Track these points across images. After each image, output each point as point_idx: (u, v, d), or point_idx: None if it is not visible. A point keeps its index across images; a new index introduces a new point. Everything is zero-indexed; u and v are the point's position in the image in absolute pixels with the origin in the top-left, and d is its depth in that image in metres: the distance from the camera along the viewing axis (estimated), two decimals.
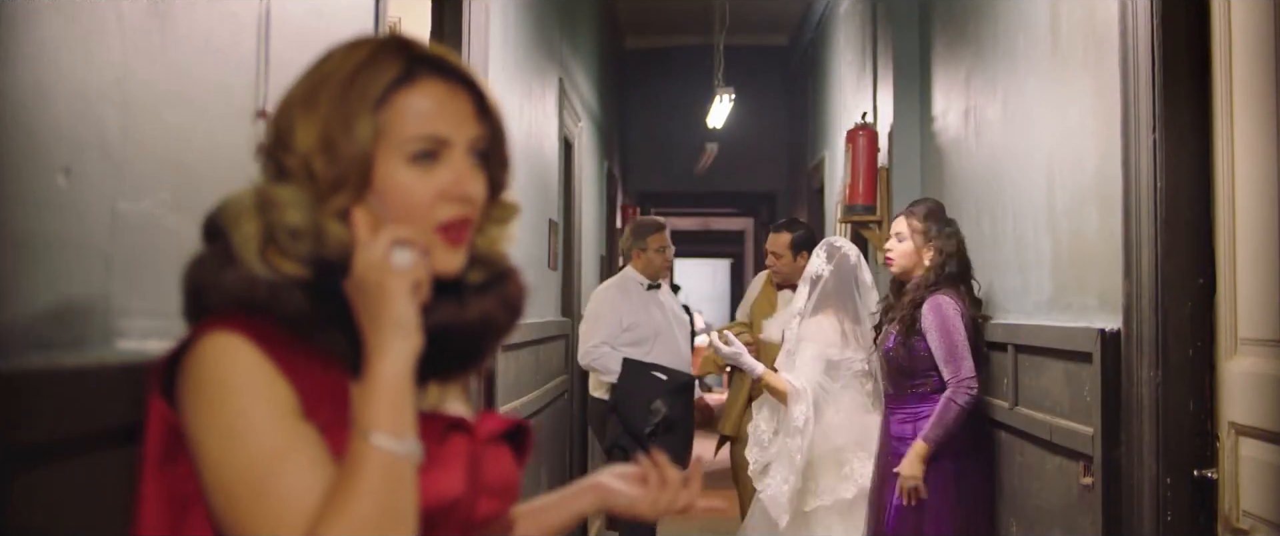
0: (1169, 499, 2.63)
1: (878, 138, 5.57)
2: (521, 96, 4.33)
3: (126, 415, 1.22)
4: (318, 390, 1.13)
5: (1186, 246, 2.64)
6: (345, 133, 1.16)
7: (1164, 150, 2.66)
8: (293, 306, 1.14)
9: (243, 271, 1.14)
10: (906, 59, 5.41)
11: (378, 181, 1.17)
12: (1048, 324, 3.38)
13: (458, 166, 1.21)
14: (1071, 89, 3.26)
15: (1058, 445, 3.22)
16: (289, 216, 1.15)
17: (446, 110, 1.21)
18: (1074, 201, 3.23)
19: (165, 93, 1.38)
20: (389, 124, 1.18)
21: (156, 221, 1.36)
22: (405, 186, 1.18)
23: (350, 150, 1.16)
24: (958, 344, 3.75)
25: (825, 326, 4.41)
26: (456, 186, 1.20)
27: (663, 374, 5.28)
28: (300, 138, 1.18)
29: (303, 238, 1.15)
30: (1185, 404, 2.63)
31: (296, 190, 1.17)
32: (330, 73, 1.20)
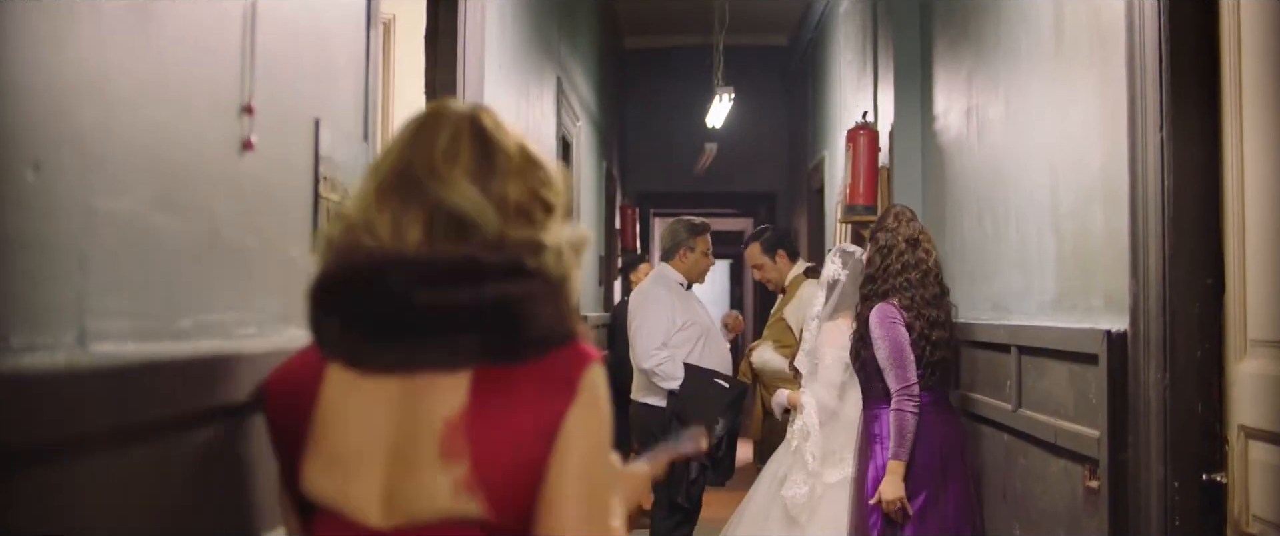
0: (1177, 503, 2.58)
1: (878, 137, 5.53)
2: (518, 95, 4.28)
3: (102, 421, 1.17)
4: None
5: (1194, 246, 2.60)
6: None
7: (1171, 148, 2.61)
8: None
9: (575, 309, 1.41)
10: (907, 58, 5.36)
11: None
12: (1052, 325, 3.34)
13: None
14: (1076, 87, 3.21)
15: (1062, 448, 3.17)
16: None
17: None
18: (1079, 200, 3.18)
19: (146, 86, 1.33)
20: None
21: (138, 220, 1.31)
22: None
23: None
24: (900, 352, 3.90)
25: (843, 329, 4.44)
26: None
27: (724, 381, 5.19)
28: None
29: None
30: (1193, 406, 2.58)
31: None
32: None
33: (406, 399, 1.33)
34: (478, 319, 1.32)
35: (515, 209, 1.39)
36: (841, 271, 4.59)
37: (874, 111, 5.77)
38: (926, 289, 4.03)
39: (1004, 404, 3.73)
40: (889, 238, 4.12)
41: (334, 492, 1.34)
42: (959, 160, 4.58)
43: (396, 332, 1.33)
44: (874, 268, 4.12)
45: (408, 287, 1.32)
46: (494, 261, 1.34)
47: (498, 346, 1.33)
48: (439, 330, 1.32)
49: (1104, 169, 2.98)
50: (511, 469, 1.31)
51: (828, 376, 4.48)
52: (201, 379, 1.43)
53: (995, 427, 3.87)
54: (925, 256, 4.08)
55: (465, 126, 1.44)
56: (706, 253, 5.52)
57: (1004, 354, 3.75)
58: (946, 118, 4.81)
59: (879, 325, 3.97)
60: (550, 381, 1.34)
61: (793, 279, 5.69)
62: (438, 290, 1.32)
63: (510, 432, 1.32)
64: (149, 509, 1.30)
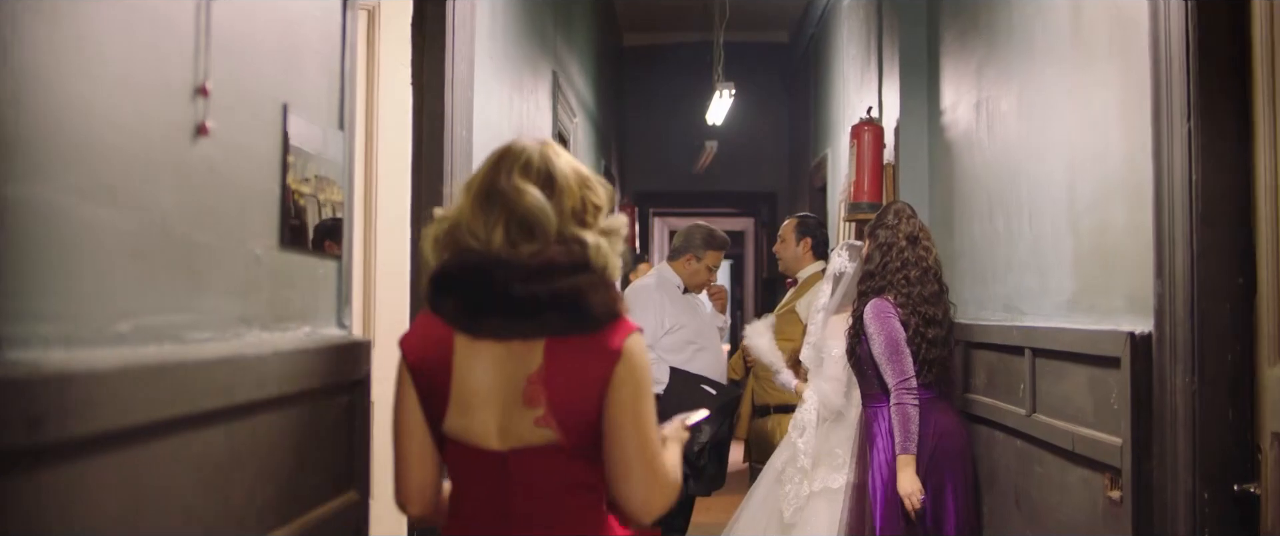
0: (1206, 515, 2.43)
1: (883, 133, 5.38)
2: (511, 88, 4.13)
3: (13, 439, 1.02)
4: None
5: (1224, 243, 2.44)
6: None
7: (1199, 139, 2.45)
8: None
9: (618, 293, 1.89)
10: (913, 51, 5.21)
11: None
12: (1069, 327, 3.19)
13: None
14: (1095, 77, 3.06)
15: (1081, 456, 3.02)
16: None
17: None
18: (1098, 195, 3.03)
19: (73, 61, 1.18)
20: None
21: (61, 211, 1.16)
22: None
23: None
24: (896, 346, 3.86)
25: (849, 323, 4.33)
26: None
27: (711, 387, 5.04)
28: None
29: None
30: (1223, 413, 2.43)
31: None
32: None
33: (506, 358, 1.85)
34: (553, 303, 1.84)
35: (570, 212, 1.88)
36: (847, 265, 4.51)
37: (878, 107, 5.62)
38: (925, 286, 3.96)
39: (1017, 408, 3.58)
40: (889, 235, 4.03)
41: (463, 428, 1.86)
42: (968, 155, 4.43)
43: (496, 311, 1.84)
44: (873, 264, 4.03)
45: (506, 282, 1.83)
46: (563, 262, 1.85)
47: (566, 323, 1.84)
48: (526, 311, 1.83)
49: (1126, 162, 2.83)
50: (577, 408, 1.84)
51: (834, 371, 4.38)
52: (143, 388, 1.27)
53: (1008, 433, 3.72)
54: (925, 254, 4.00)
55: (534, 154, 1.91)
56: (712, 268, 5.37)
57: (1017, 356, 3.60)
58: (955, 112, 4.66)
59: (874, 319, 3.91)
60: (602, 348, 1.85)
61: (810, 274, 5.54)
62: (526, 284, 1.83)
63: (575, 384, 1.84)
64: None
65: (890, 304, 3.94)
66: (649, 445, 1.87)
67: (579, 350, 1.84)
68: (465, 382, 1.84)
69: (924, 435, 3.86)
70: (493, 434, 1.84)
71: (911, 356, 3.87)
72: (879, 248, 4.04)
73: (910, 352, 3.87)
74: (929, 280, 3.98)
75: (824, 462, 4.32)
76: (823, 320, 4.51)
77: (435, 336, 1.86)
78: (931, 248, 4.03)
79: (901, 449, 3.83)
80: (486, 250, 1.83)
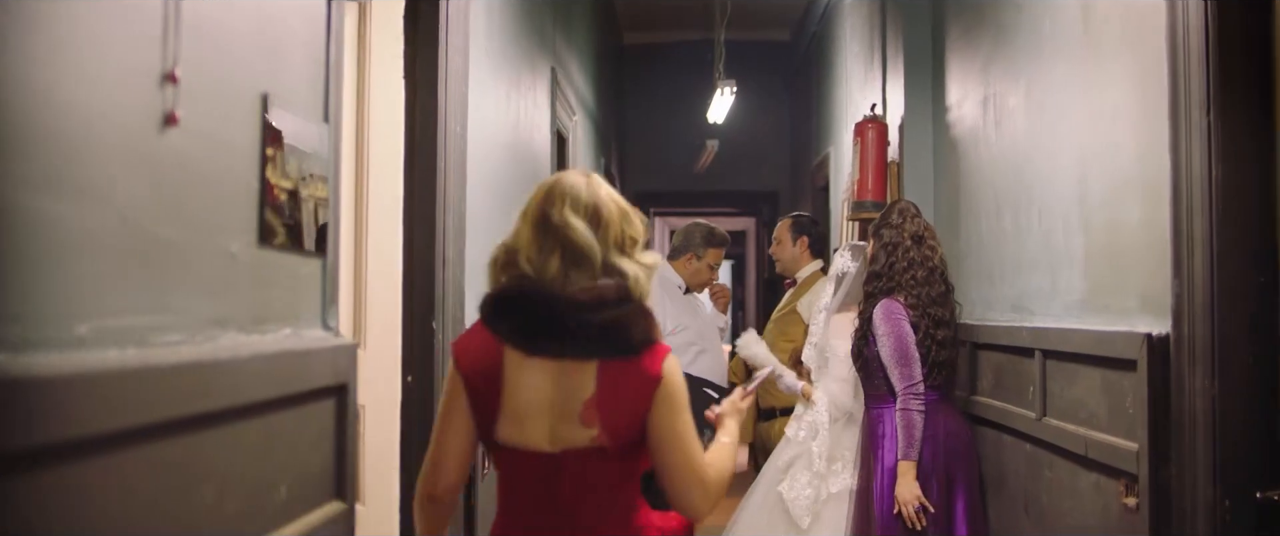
0: (1228, 523, 2.34)
1: (888, 130, 5.28)
2: (509, 84, 4.04)
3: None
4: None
5: (1245, 240, 2.36)
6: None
7: (1219, 133, 2.37)
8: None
9: (656, 322, 2.16)
10: (918, 48, 5.12)
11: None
12: (1081, 328, 3.10)
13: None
14: (1107, 70, 2.97)
15: (1094, 461, 2.93)
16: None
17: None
18: (1111, 192, 2.94)
19: (27, 43, 1.09)
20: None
21: (11, 205, 1.07)
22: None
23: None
24: (905, 349, 3.79)
25: (853, 322, 4.27)
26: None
27: (714, 391, 4.94)
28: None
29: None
30: (1245, 417, 2.34)
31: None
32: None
33: (560, 375, 2.10)
34: (602, 331, 2.09)
35: (614, 242, 2.14)
36: (851, 265, 4.45)
37: (882, 104, 5.53)
38: (932, 287, 3.89)
39: (1027, 411, 3.49)
40: (894, 234, 3.95)
41: (516, 436, 2.12)
42: (975, 153, 4.34)
43: (551, 335, 2.09)
44: (878, 265, 3.95)
45: (561, 312, 2.09)
46: (611, 297, 2.10)
47: (613, 348, 2.11)
48: (579, 336, 2.09)
49: (1141, 157, 2.74)
50: (624, 421, 2.11)
51: (841, 371, 4.31)
52: (100, 395, 1.18)
53: (1016, 436, 3.62)
54: (931, 253, 3.93)
55: (582, 189, 2.16)
56: (713, 266, 5.28)
57: (1027, 358, 3.51)
58: (960, 109, 4.57)
59: (884, 321, 3.83)
60: (645, 370, 2.12)
61: (809, 274, 5.45)
62: (579, 314, 2.08)
63: (623, 401, 2.10)
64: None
65: (901, 305, 3.87)
66: (692, 455, 2.16)
67: (624, 373, 2.11)
68: (517, 395, 2.11)
69: (933, 435, 3.80)
70: (545, 439, 2.12)
71: (921, 359, 3.81)
72: (884, 248, 3.97)
73: (920, 355, 3.80)
74: (936, 280, 3.92)
75: (835, 466, 4.24)
76: (825, 320, 4.44)
77: (487, 349, 2.12)
78: (937, 247, 3.96)
79: (903, 455, 3.77)
80: (541, 278, 2.10)
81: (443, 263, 2.93)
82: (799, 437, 4.38)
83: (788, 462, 4.39)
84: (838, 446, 4.27)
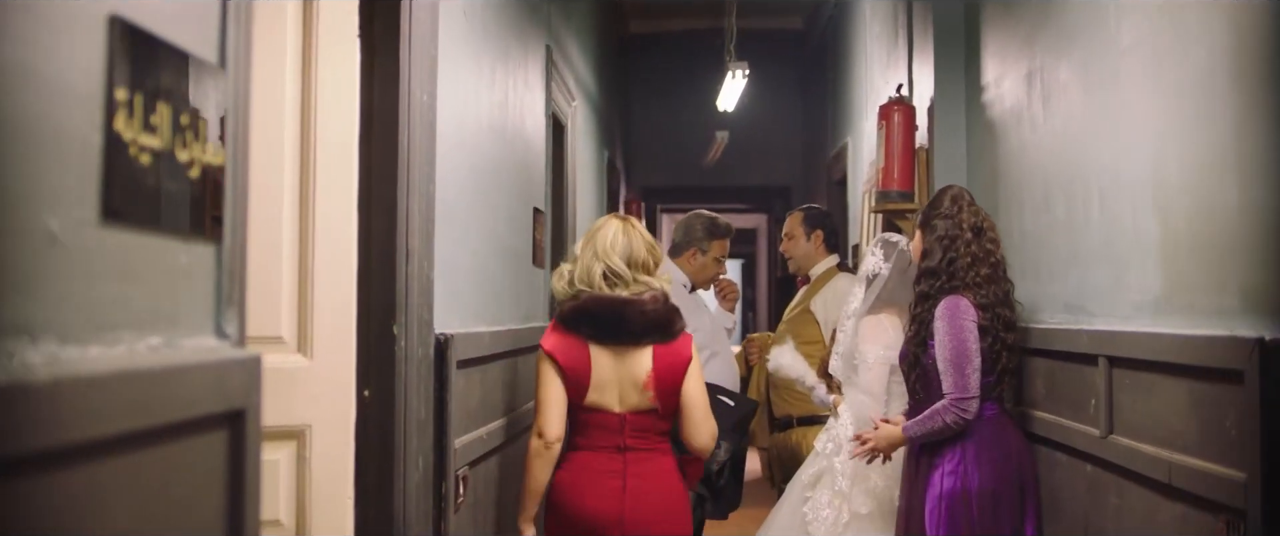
0: None
1: (915, 113, 4.82)
2: (495, 56, 3.58)
3: None
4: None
5: None
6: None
7: None
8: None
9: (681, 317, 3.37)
10: (949, 23, 4.65)
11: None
12: (1160, 331, 2.63)
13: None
14: (1190, 29, 2.50)
15: (1180, 490, 2.46)
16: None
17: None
18: (1197, 172, 2.47)
19: None
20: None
21: None
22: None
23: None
24: (964, 353, 3.33)
25: (886, 326, 3.87)
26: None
27: (728, 398, 4.49)
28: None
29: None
30: None
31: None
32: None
33: (623, 357, 3.19)
34: (653, 325, 3.20)
35: (641, 266, 3.25)
36: (883, 264, 3.98)
37: (909, 86, 5.07)
38: (998, 285, 3.41)
39: (1087, 428, 3.03)
40: (949, 226, 3.46)
41: (600, 400, 3.18)
42: (1017, 134, 3.87)
43: (617, 333, 3.19)
44: (935, 261, 3.46)
45: (628, 314, 3.18)
46: (658, 301, 3.24)
47: (660, 336, 3.21)
48: (638, 331, 3.19)
49: (1236, 127, 2.28)
50: (669, 387, 3.20)
51: (869, 381, 3.86)
52: None
53: (1074, 455, 3.16)
54: (993, 247, 3.47)
55: (618, 228, 3.28)
56: (719, 259, 4.81)
57: (1086, 366, 3.05)
58: (999, 87, 4.10)
59: (949, 319, 3.34)
60: (681, 350, 3.24)
61: (823, 270, 4.98)
62: (640, 315, 3.19)
63: (669, 373, 3.20)
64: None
65: (971, 304, 3.38)
66: (706, 408, 3.25)
67: (669, 354, 3.22)
68: (600, 374, 3.16)
69: (1005, 453, 3.35)
70: (615, 403, 3.20)
71: (989, 366, 3.36)
72: (939, 241, 3.47)
73: (985, 363, 3.35)
74: (1000, 278, 3.45)
75: (860, 485, 3.78)
76: (854, 326, 3.97)
77: (575, 346, 3.18)
78: (998, 240, 3.50)
79: (908, 429, 3.42)
80: (599, 293, 3.20)
81: (406, 255, 2.48)
82: (825, 451, 3.93)
83: (813, 478, 3.94)
84: (863, 465, 3.83)
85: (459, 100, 3.06)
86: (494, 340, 3.31)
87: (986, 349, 3.38)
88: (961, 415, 3.33)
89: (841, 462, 3.87)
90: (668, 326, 3.21)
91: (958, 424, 3.34)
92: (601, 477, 3.16)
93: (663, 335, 3.20)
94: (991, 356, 3.38)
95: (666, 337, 3.21)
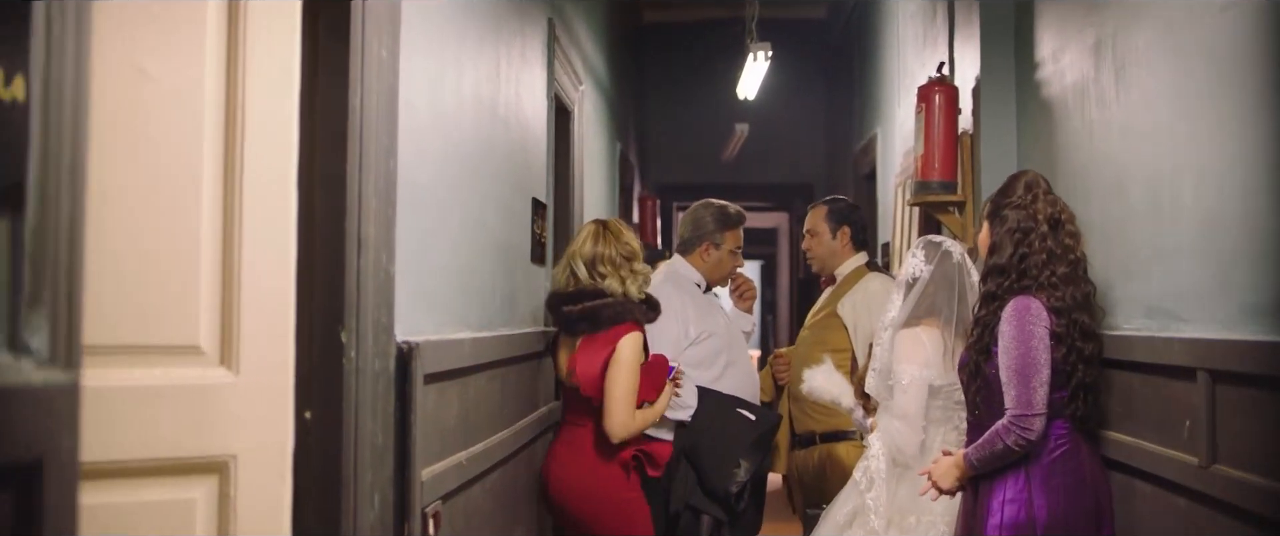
0: None
1: (959, 95, 4.34)
2: (482, 19, 3.11)
3: None
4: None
5: None
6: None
7: None
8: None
9: (635, 307, 3.70)
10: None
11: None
12: None
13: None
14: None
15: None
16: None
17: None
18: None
19: None
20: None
21: None
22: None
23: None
24: (1031, 363, 2.86)
25: (925, 342, 3.39)
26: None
27: (748, 411, 4.02)
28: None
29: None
30: None
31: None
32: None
33: (569, 345, 3.61)
34: (579, 317, 3.54)
35: (608, 261, 3.60)
36: (925, 267, 3.47)
37: (950, 66, 4.59)
38: (1078, 286, 2.94)
39: (1182, 455, 2.54)
40: (1023, 217, 2.99)
41: (561, 376, 3.66)
42: (1080, 114, 3.38)
43: (559, 323, 3.67)
44: (1004, 257, 2.99)
45: (561, 309, 3.61)
46: (585, 298, 3.56)
47: (588, 327, 3.53)
48: (565, 323, 3.61)
49: None
50: (590, 372, 3.48)
51: (904, 404, 3.36)
52: None
53: (1161, 486, 2.68)
54: (1072, 243, 3.00)
55: (589, 232, 3.67)
56: (735, 251, 4.32)
57: (1179, 381, 2.57)
58: (1057, 61, 3.62)
59: (1016, 322, 2.89)
60: (608, 341, 3.50)
61: (851, 270, 4.48)
62: (566, 310, 3.58)
63: (591, 358, 3.50)
64: None
65: (1043, 307, 2.91)
66: (621, 398, 3.49)
67: (593, 344, 3.53)
68: (560, 358, 3.66)
69: (1080, 481, 2.89)
70: (566, 381, 3.62)
71: (1062, 380, 2.90)
72: (1010, 234, 3.00)
73: (1056, 376, 2.89)
74: (1080, 278, 2.97)
75: (898, 525, 3.30)
76: (890, 339, 3.47)
77: (557, 337, 3.76)
78: (1078, 234, 3.02)
79: (969, 457, 2.95)
80: (553, 289, 3.71)
81: (358, 245, 2.02)
82: (861, 485, 3.44)
83: (848, 517, 3.45)
84: (899, 502, 3.35)
85: (433, 62, 2.59)
86: (477, 348, 2.81)
87: (1060, 360, 2.90)
88: (1023, 435, 2.86)
89: (873, 500, 3.39)
90: (593, 318, 3.52)
91: (1020, 446, 2.87)
92: (552, 446, 3.77)
93: (590, 326, 3.53)
94: (1065, 369, 2.90)
95: (593, 328, 3.52)
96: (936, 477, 3.08)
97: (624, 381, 3.48)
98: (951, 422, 3.38)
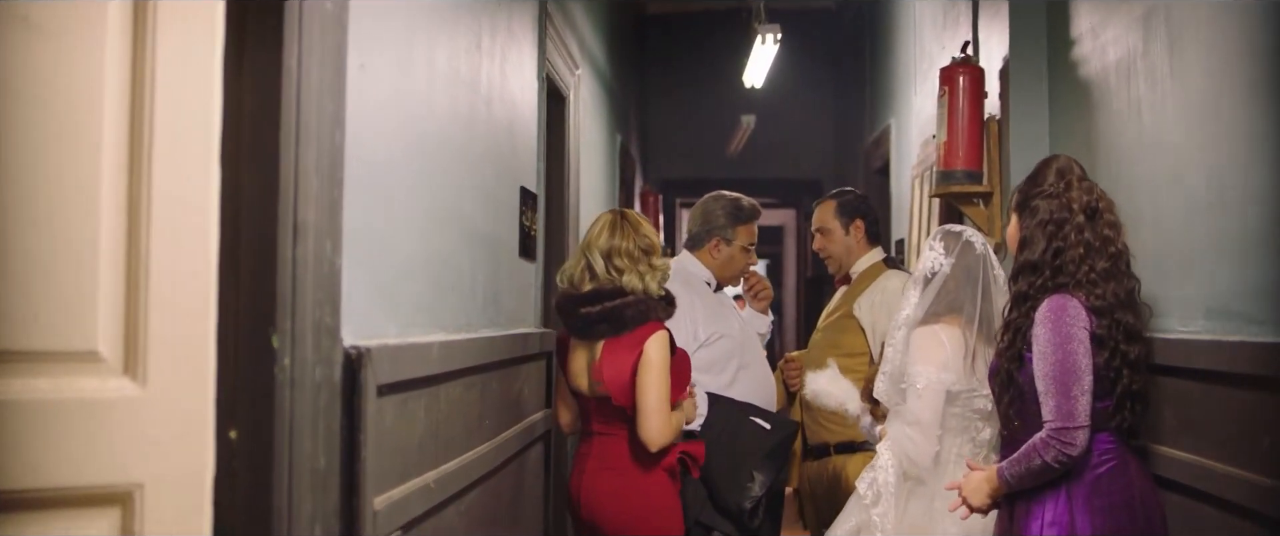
0: None
1: (984, 77, 4.01)
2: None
3: None
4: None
5: None
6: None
7: None
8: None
9: (657, 305, 3.40)
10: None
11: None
12: None
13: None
14: None
15: None
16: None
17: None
18: None
19: None
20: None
21: None
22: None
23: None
24: (1071, 369, 2.56)
25: (945, 341, 3.08)
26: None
27: (764, 419, 3.70)
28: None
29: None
30: None
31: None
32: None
33: (588, 347, 3.32)
34: (599, 319, 3.26)
35: (626, 255, 3.30)
36: (944, 261, 3.16)
37: (974, 47, 4.26)
38: (1119, 283, 2.62)
39: (1249, 474, 2.23)
40: (1056, 208, 2.69)
41: (579, 387, 3.36)
42: (1126, 93, 3.06)
43: (574, 327, 3.34)
44: (1037, 253, 2.68)
45: (579, 310, 3.28)
46: (605, 297, 3.27)
47: (609, 329, 3.26)
48: (583, 326, 3.30)
49: None
50: (620, 378, 3.21)
51: (918, 410, 3.05)
52: None
53: (1227, 510, 2.35)
54: (1113, 235, 2.68)
55: (606, 222, 3.37)
56: (748, 247, 3.99)
57: (1249, 392, 2.25)
58: (1097, 37, 3.29)
59: (1052, 324, 2.59)
60: (634, 342, 3.23)
61: (867, 267, 4.14)
62: (585, 312, 3.27)
63: (618, 363, 3.22)
64: None
65: (1082, 307, 2.60)
66: (655, 405, 3.21)
67: (617, 347, 3.26)
68: (576, 364, 3.38)
69: (1127, 501, 2.59)
70: (586, 390, 3.35)
71: (1105, 388, 2.60)
72: (1042, 227, 2.70)
73: (1099, 384, 2.59)
74: (1122, 273, 2.66)
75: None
76: (904, 338, 3.16)
77: (564, 338, 3.46)
78: (1119, 224, 2.70)
79: (1003, 473, 2.67)
80: (566, 290, 3.38)
81: (294, 231, 1.69)
82: (866, 499, 3.12)
83: (852, 532, 3.15)
84: (911, 519, 3.05)
85: (398, 23, 2.26)
86: (446, 353, 2.45)
87: (1102, 365, 2.59)
88: (1065, 450, 2.55)
89: (879, 515, 3.08)
90: (616, 319, 3.23)
91: (1060, 462, 2.56)
92: (578, 459, 3.44)
93: (612, 328, 3.24)
94: (1109, 375, 2.59)
95: (616, 330, 3.24)
96: (967, 493, 2.78)
97: (656, 386, 3.19)
98: (968, 433, 3.07)
